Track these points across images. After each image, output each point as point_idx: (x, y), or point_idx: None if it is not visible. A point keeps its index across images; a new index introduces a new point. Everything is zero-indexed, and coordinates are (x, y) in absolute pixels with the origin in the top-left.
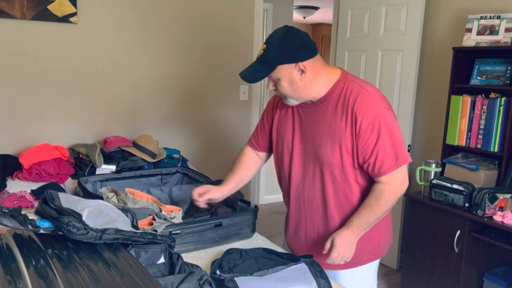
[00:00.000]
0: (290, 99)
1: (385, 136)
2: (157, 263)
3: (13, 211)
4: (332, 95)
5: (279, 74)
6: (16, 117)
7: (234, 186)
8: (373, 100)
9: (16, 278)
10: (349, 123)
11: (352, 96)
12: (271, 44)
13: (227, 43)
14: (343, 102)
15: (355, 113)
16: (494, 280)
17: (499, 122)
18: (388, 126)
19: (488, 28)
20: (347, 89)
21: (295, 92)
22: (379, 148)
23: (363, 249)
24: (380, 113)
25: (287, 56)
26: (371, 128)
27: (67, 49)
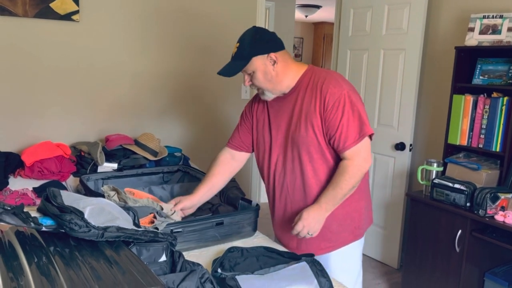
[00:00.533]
0: (266, 92)
1: (349, 112)
2: (158, 261)
3: (15, 209)
4: (301, 83)
5: (254, 66)
6: (18, 115)
7: (205, 192)
8: (337, 82)
9: (18, 275)
10: (317, 103)
11: (320, 80)
12: (243, 41)
13: (229, 41)
14: (312, 86)
15: (322, 93)
16: (495, 280)
17: (501, 121)
18: (352, 103)
19: (491, 27)
20: (315, 76)
21: (270, 83)
22: (344, 123)
23: (346, 228)
24: (344, 92)
25: (260, 48)
26: (336, 105)
27: (69, 47)
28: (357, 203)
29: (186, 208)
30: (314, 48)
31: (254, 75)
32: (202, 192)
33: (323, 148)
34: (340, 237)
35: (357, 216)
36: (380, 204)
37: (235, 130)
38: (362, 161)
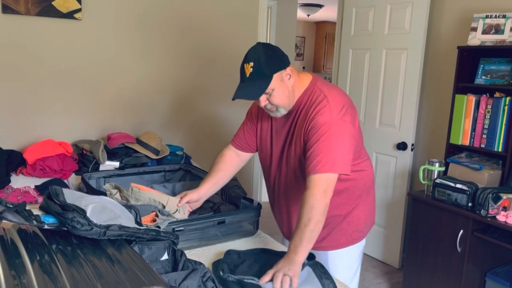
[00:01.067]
0: (280, 109)
1: (325, 141)
2: (160, 260)
3: (17, 207)
4: (301, 102)
5: (274, 83)
6: (20, 113)
7: (211, 187)
8: (330, 110)
9: (20, 273)
10: (304, 128)
11: (314, 104)
12: (258, 59)
13: (231, 41)
14: (307, 108)
15: (311, 118)
16: (497, 280)
17: (503, 121)
18: (334, 134)
19: (494, 27)
20: (313, 96)
21: (287, 99)
22: (315, 148)
23: (342, 233)
24: (330, 122)
25: (277, 64)
26: (316, 130)
27: (71, 45)
28: (355, 209)
29: (193, 201)
30: (316, 48)
31: (272, 93)
32: (208, 186)
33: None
34: (337, 240)
35: (355, 221)
36: (382, 203)
37: (240, 128)
38: (321, 194)
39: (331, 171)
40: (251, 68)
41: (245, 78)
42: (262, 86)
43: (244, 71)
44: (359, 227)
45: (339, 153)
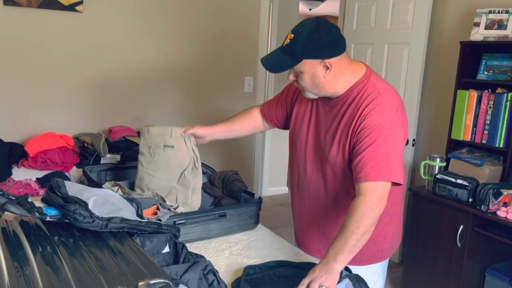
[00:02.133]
0: (308, 93)
1: (382, 144)
2: (162, 252)
3: (20, 199)
4: (349, 95)
5: (303, 67)
6: (22, 106)
7: (221, 131)
8: (384, 109)
9: (23, 265)
10: (353, 125)
11: (366, 100)
12: (299, 35)
13: (232, 35)
14: (356, 104)
15: (362, 116)
16: (496, 275)
17: (505, 117)
18: (390, 137)
19: (497, 22)
20: (364, 92)
21: (315, 88)
22: (368, 152)
23: (366, 250)
24: (385, 123)
25: (315, 51)
26: (370, 131)
27: (73, 38)
28: (384, 226)
29: (197, 136)
30: None
31: (300, 75)
32: (219, 128)
33: (346, 170)
34: (357, 256)
35: (381, 240)
36: None
37: (273, 99)
38: (376, 201)
39: (387, 179)
40: (289, 40)
41: (281, 47)
42: (286, 64)
43: (285, 38)
44: (384, 246)
45: (395, 159)
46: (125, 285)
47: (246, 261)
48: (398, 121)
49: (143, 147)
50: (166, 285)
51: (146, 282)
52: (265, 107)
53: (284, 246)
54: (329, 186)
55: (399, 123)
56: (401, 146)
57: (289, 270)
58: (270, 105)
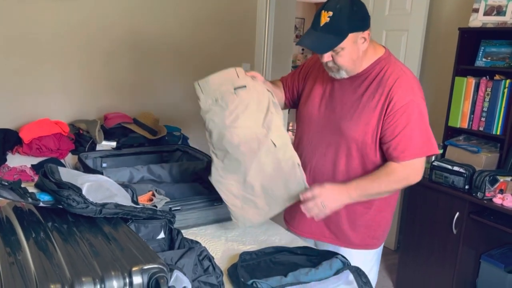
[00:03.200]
0: (342, 72)
1: (416, 122)
2: (157, 238)
3: (12, 184)
4: (372, 71)
5: (346, 43)
6: (17, 92)
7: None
8: (411, 87)
9: (16, 250)
10: (381, 102)
11: (391, 77)
12: (340, 11)
13: (229, 21)
14: (380, 80)
15: (390, 93)
16: (491, 262)
17: (502, 104)
18: (421, 114)
19: (496, 8)
20: (387, 69)
21: (352, 64)
22: (407, 132)
23: (358, 233)
24: (415, 100)
25: (359, 23)
26: (403, 111)
27: (67, 24)
28: (379, 213)
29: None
30: None
31: (340, 53)
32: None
33: (367, 149)
34: (348, 238)
35: (374, 226)
36: None
37: (293, 72)
38: (414, 174)
39: (427, 154)
40: (328, 18)
41: (317, 27)
42: (333, 42)
43: (319, 18)
44: (377, 233)
45: (430, 132)
46: (118, 271)
47: (242, 247)
48: (423, 96)
49: (205, 103)
50: (160, 270)
51: (140, 268)
52: (287, 78)
53: (280, 232)
54: (337, 161)
55: (423, 97)
56: (428, 119)
57: (285, 256)
58: (291, 77)
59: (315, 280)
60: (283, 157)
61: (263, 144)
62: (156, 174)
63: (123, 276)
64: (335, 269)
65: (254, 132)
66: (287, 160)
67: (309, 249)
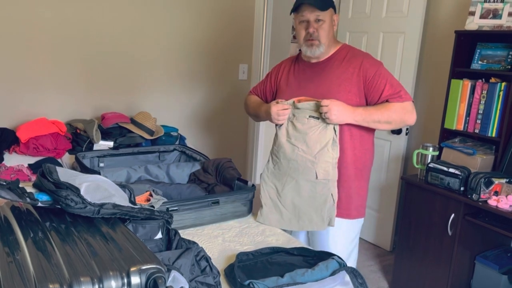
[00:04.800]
0: (321, 47)
1: (391, 78)
2: (154, 239)
3: (11, 184)
4: (339, 54)
5: (326, 16)
6: (13, 91)
7: None
8: (375, 59)
9: (14, 250)
10: (355, 74)
11: (358, 56)
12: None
13: (227, 22)
14: (349, 59)
15: (363, 66)
16: (486, 263)
17: (498, 107)
18: (390, 73)
19: (492, 12)
20: (353, 52)
21: (328, 40)
22: (390, 85)
23: (352, 202)
24: (381, 67)
25: (334, 4)
26: (379, 74)
27: (65, 22)
28: (363, 183)
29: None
30: None
31: (322, 25)
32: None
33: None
34: (347, 211)
35: (362, 194)
36: (375, 187)
37: (260, 84)
38: (409, 114)
39: (406, 100)
40: None
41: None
42: (326, 3)
43: None
44: (363, 202)
45: (401, 85)
46: (117, 271)
47: (239, 247)
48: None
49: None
50: (158, 270)
51: (138, 268)
52: (257, 88)
53: (277, 233)
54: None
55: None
56: None
57: (282, 256)
58: (257, 89)
59: (311, 280)
60: (320, 191)
61: (307, 170)
62: (153, 174)
63: (121, 276)
64: (331, 270)
65: (305, 157)
66: (321, 195)
67: (306, 249)
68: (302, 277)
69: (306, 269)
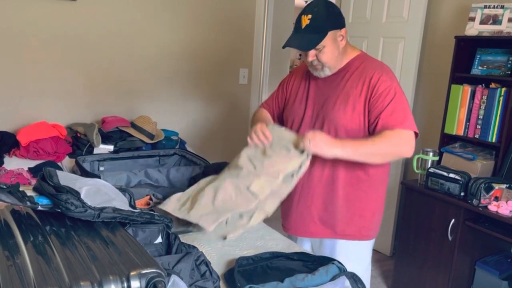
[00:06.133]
0: (325, 69)
1: (397, 102)
2: (154, 243)
3: (11, 187)
4: (351, 66)
5: (327, 40)
6: (14, 95)
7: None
8: (388, 74)
9: (14, 254)
10: (365, 89)
11: (371, 69)
12: (318, 13)
13: (227, 26)
14: (361, 72)
15: (372, 81)
16: (486, 268)
17: (498, 112)
18: (401, 96)
19: (492, 17)
20: (367, 63)
21: (334, 61)
22: (390, 108)
23: (351, 223)
24: (394, 85)
25: (336, 21)
26: (386, 93)
27: (65, 27)
28: (371, 202)
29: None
30: None
31: (322, 50)
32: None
33: (355, 134)
34: (343, 230)
35: (368, 215)
36: None
37: (271, 97)
38: (406, 145)
39: (407, 128)
40: (308, 20)
41: (300, 29)
42: (315, 40)
43: (300, 22)
44: (371, 225)
45: (409, 112)
46: (117, 275)
47: (238, 252)
48: (399, 85)
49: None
50: (158, 275)
51: (138, 272)
52: (266, 105)
53: (276, 237)
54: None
55: (400, 86)
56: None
57: (282, 261)
58: (269, 103)
59: (311, 285)
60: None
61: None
62: (153, 178)
63: (121, 280)
64: (331, 275)
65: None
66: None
67: (306, 254)
68: (302, 282)
69: (306, 274)
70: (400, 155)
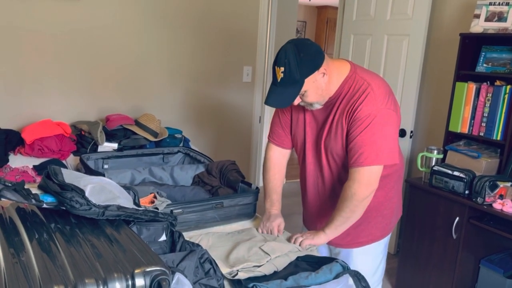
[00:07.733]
0: (315, 104)
1: (371, 130)
2: (158, 241)
3: (16, 185)
4: (341, 93)
5: (306, 86)
6: (19, 93)
7: (279, 198)
8: (375, 99)
9: (19, 251)
10: (348, 114)
11: (358, 93)
12: (289, 64)
13: (231, 24)
14: (349, 96)
15: (355, 108)
16: (491, 267)
17: (503, 110)
18: (380, 125)
19: (497, 14)
20: (355, 86)
21: (321, 97)
22: (363, 138)
23: (377, 226)
24: (376, 112)
25: (310, 67)
26: (363, 120)
27: (69, 25)
28: (390, 201)
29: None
30: (317, 33)
31: (305, 94)
32: (277, 198)
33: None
34: (368, 235)
35: (388, 213)
36: None
37: (275, 124)
38: (365, 185)
39: (376, 163)
40: (282, 74)
41: (276, 82)
42: (293, 92)
43: (275, 74)
44: (392, 218)
45: (384, 144)
46: (121, 273)
47: None
48: (391, 107)
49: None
50: (162, 272)
51: (142, 270)
52: (275, 138)
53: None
54: (326, 179)
55: (390, 108)
56: (392, 129)
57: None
58: (277, 133)
59: (315, 284)
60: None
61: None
62: (157, 176)
63: (126, 278)
64: (335, 273)
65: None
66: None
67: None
68: (306, 280)
69: (309, 272)
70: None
